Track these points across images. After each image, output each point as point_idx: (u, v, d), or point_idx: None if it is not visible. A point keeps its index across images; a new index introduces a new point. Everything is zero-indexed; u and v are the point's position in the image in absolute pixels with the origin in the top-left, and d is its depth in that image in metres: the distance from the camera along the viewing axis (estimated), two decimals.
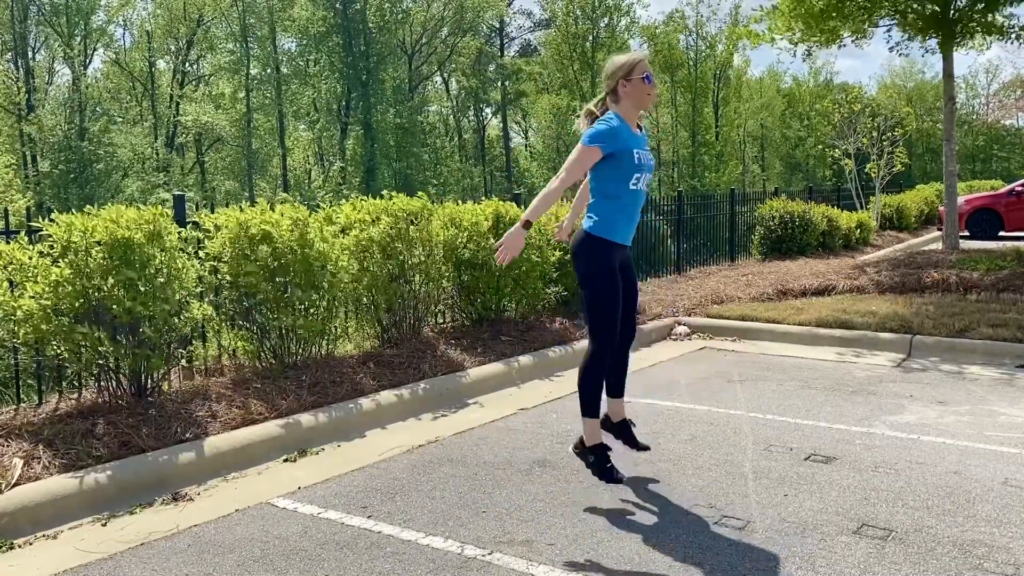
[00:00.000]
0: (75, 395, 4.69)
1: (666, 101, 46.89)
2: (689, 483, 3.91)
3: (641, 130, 3.80)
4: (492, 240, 6.71)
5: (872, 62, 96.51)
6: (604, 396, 3.92)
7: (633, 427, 4.08)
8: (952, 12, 11.50)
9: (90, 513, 3.65)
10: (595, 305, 3.70)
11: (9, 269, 4.26)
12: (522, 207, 7.54)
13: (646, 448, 4.07)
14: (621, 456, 4.24)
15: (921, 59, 66.22)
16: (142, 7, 43.69)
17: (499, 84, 48.35)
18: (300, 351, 5.50)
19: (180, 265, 4.71)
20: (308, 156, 44.58)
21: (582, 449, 3.81)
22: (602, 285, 3.68)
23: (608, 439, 3.96)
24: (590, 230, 3.70)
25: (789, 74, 58.28)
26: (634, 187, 3.68)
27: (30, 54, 37.75)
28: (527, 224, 3.60)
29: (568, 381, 5.82)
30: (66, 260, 4.28)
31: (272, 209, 5.38)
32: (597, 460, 3.73)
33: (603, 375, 3.79)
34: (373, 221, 5.94)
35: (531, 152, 52.85)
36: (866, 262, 11.45)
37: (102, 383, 4.58)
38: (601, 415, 3.90)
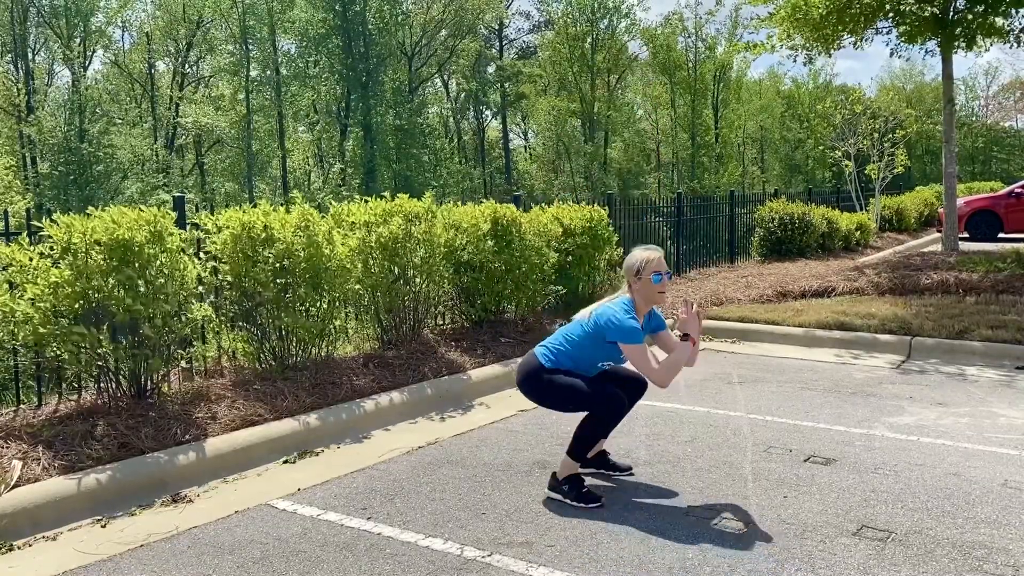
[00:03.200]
0: (74, 397, 4.69)
1: (665, 103, 46.87)
2: (689, 484, 3.91)
3: (648, 317, 3.84)
4: (490, 243, 6.71)
5: (872, 64, 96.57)
6: None
7: (608, 455, 4.12)
8: (951, 15, 11.51)
9: (90, 515, 3.65)
10: (572, 401, 3.72)
11: (10, 270, 4.26)
12: (521, 208, 7.54)
13: (627, 468, 4.09)
14: (622, 457, 4.25)
15: (921, 61, 66.25)
16: (141, 8, 43.73)
17: (498, 86, 48.36)
18: (300, 352, 5.50)
19: (181, 266, 4.71)
20: (308, 158, 44.55)
21: (556, 484, 3.78)
22: (557, 390, 3.71)
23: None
24: (549, 367, 3.73)
25: (789, 76, 58.20)
26: (600, 367, 3.78)
27: (30, 56, 37.74)
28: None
29: None
30: (66, 261, 4.28)
31: (288, 210, 5.38)
32: (572, 488, 3.72)
33: (611, 427, 3.76)
34: (383, 222, 5.95)
35: (531, 154, 52.86)
36: (866, 264, 11.46)
37: (101, 384, 4.58)
38: None
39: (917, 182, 35.31)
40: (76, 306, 4.27)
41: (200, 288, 5.00)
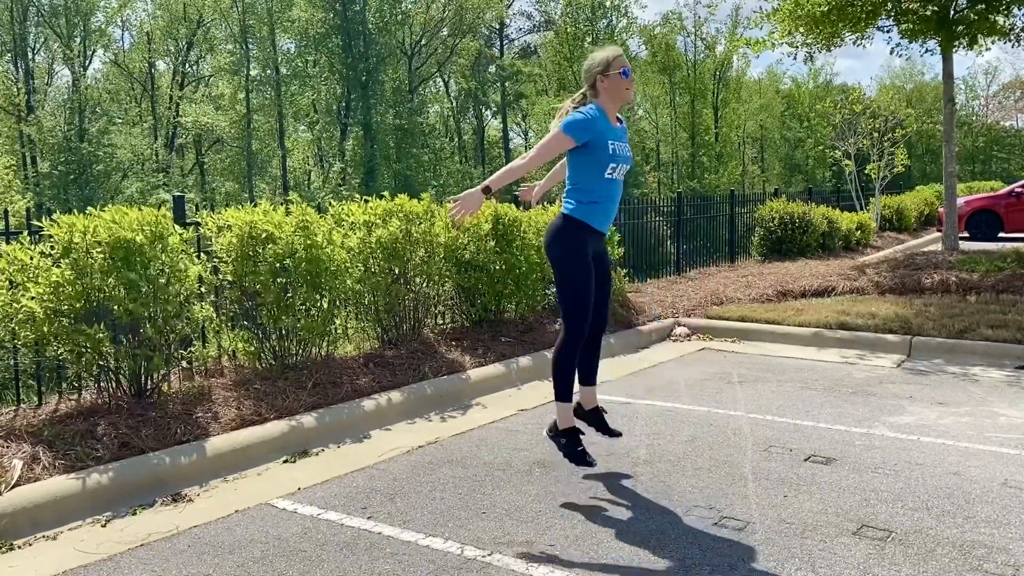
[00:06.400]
0: (75, 396, 4.69)
1: (665, 102, 46.89)
2: (689, 484, 3.91)
3: (621, 123, 3.86)
4: (492, 243, 6.71)
5: (872, 63, 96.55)
6: (577, 385, 3.97)
7: (605, 414, 4.13)
8: (953, 13, 11.51)
9: (90, 514, 3.65)
10: (568, 289, 3.74)
11: (11, 270, 4.26)
12: (521, 208, 7.55)
13: (618, 434, 4.12)
14: (621, 457, 4.25)
15: (921, 60, 66.25)
16: (141, 8, 43.72)
17: (498, 86, 48.37)
18: (300, 352, 5.50)
19: (182, 266, 4.71)
20: (308, 157, 44.58)
21: (555, 433, 3.88)
22: (574, 268, 3.72)
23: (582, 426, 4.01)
24: (568, 213, 3.78)
25: (788, 75, 58.26)
26: (609, 176, 3.74)
27: (30, 55, 37.77)
28: (487, 189, 3.68)
29: None
30: (67, 261, 4.28)
31: (288, 211, 5.38)
32: (568, 443, 3.79)
33: (575, 361, 3.83)
34: (382, 222, 5.95)
35: None
36: (866, 263, 11.45)
37: (102, 384, 4.58)
38: (574, 402, 3.97)
39: (917, 182, 35.32)
40: (77, 306, 4.27)
41: (201, 288, 5.00)
